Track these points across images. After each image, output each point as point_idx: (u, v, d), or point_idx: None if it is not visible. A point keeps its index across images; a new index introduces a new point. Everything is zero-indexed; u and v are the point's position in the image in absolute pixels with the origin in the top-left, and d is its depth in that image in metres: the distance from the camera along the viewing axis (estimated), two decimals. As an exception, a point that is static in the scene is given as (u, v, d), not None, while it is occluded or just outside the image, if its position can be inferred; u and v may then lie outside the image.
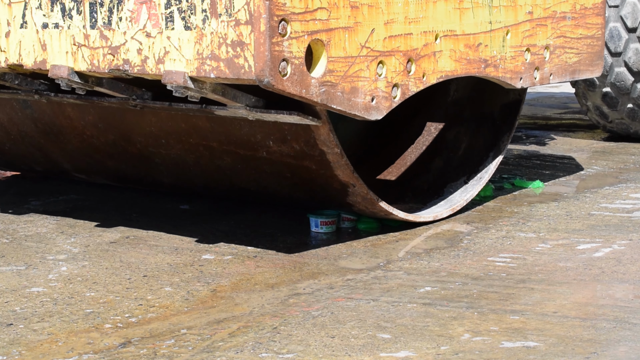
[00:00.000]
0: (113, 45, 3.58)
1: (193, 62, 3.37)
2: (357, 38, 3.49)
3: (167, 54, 3.44)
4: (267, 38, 3.17)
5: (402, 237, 4.13)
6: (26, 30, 3.84)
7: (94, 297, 3.32)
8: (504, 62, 4.27)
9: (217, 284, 3.46)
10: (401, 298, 3.27)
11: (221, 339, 2.90)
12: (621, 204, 4.72)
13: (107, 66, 3.61)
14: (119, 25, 3.56)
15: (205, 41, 3.33)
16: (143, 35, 3.50)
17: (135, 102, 3.95)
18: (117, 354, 2.79)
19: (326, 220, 4.21)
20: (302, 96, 3.31)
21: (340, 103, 3.44)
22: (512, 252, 3.86)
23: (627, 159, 6.05)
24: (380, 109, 3.62)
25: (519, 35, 4.34)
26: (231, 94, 3.51)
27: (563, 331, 2.92)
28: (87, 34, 3.65)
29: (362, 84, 3.52)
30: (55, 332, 2.97)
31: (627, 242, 3.99)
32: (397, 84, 3.68)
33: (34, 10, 3.80)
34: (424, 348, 2.80)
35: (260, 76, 3.20)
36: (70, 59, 3.71)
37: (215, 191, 4.57)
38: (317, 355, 2.75)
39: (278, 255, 3.85)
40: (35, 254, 3.91)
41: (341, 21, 3.42)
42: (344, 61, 3.44)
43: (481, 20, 4.09)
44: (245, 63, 3.24)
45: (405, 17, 3.69)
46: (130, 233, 4.24)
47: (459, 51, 3.99)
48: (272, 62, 3.18)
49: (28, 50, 3.85)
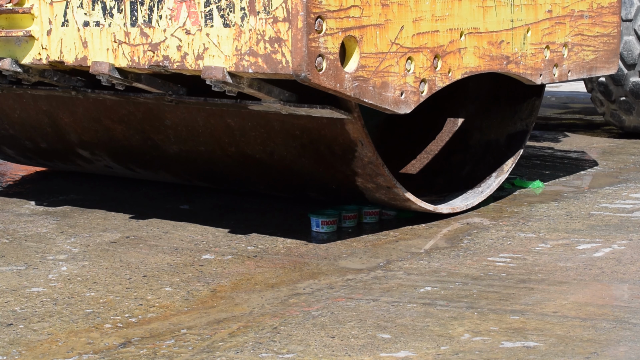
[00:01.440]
0: (153, 42, 3.71)
1: (231, 58, 3.51)
2: (387, 35, 3.63)
3: (206, 51, 3.57)
4: (304, 34, 3.31)
5: (402, 237, 4.13)
6: (67, 29, 3.97)
7: (94, 297, 3.32)
8: (524, 59, 4.40)
9: (217, 284, 3.46)
10: (401, 298, 3.27)
11: (221, 339, 2.90)
12: (621, 204, 4.72)
13: (147, 62, 3.74)
14: (159, 23, 3.70)
15: (244, 38, 3.47)
16: (183, 32, 3.63)
17: (170, 98, 4.07)
18: (117, 354, 2.79)
19: (327, 220, 4.21)
20: (337, 90, 3.45)
21: (371, 97, 3.58)
22: (512, 252, 3.86)
23: (627, 159, 6.05)
24: (409, 103, 3.76)
25: (539, 33, 4.47)
26: (266, 88, 3.64)
27: (563, 331, 2.92)
28: (128, 32, 3.78)
29: (392, 79, 3.66)
30: (55, 332, 2.97)
31: (627, 242, 3.99)
32: (425, 79, 3.82)
33: (76, 9, 3.94)
34: (424, 348, 2.80)
35: (297, 71, 3.34)
36: (111, 55, 3.84)
37: (220, 162, 4.53)
38: (317, 355, 2.75)
39: (278, 255, 3.85)
40: (35, 254, 3.91)
41: (373, 18, 3.56)
42: (375, 57, 3.58)
43: (503, 18, 4.24)
44: (282, 58, 3.37)
45: (432, 15, 3.83)
46: (130, 233, 4.24)
47: (483, 48, 4.14)
48: (309, 57, 3.32)
49: (69, 48, 3.97)
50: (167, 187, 5.24)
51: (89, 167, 5.21)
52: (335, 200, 4.50)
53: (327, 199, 4.55)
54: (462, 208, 4.51)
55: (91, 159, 5.06)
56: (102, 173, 5.36)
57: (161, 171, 4.88)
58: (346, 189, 4.26)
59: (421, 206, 4.24)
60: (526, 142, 4.89)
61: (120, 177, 5.49)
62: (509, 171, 4.82)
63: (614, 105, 6.72)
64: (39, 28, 4.06)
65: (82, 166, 5.25)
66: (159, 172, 4.91)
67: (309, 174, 4.29)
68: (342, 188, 4.28)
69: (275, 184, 4.55)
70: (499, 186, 4.77)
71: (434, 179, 5.05)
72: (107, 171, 5.25)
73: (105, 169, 5.17)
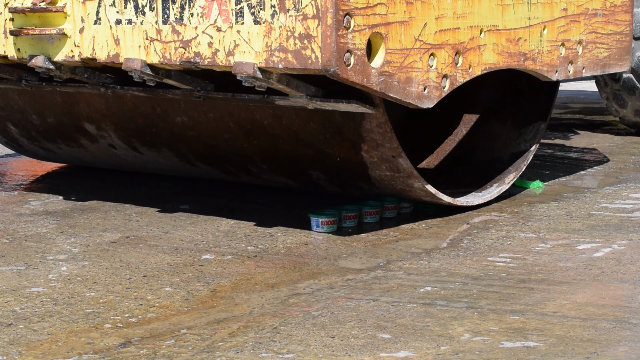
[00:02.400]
0: (184, 39, 3.83)
1: (262, 54, 3.62)
2: (411, 32, 3.76)
3: (237, 47, 3.69)
4: (333, 31, 3.43)
5: (402, 237, 4.13)
6: (100, 26, 4.08)
7: (94, 297, 3.32)
8: (541, 55, 4.52)
9: (217, 284, 3.46)
10: (401, 298, 3.27)
11: (221, 339, 2.90)
12: (621, 204, 4.72)
13: (178, 59, 3.85)
14: (190, 20, 3.81)
15: (274, 34, 3.58)
16: (214, 29, 3.74)
17: (199, 94, 4.18)
18: (117, 354, 2.78)
19: (327, 220, 4.21)
20: (364, 85, 3.58)
21: (396, 92, 3.71)
22: (512, 252, 3.86)
23: (627, 159, 6.05)
24: (432, 98, 3.89)
25: (554, 31, 4.59)
26: (294, 83, 3.76)
27: (563, 331, 2.92)
28: (160, 29, 3.89)
29: (415, 74, 3.79)
30: (55, 332, 2.97)
31: (627, 242, 3.99)
32: (447, 75, 3.94)
33: (108, 7, 4.05)
34: (424, 348, 2.80)
35: (326, 66, 3.46)
36: (143, 52, 3.95)
37: (226, 133, 4.53)
38: (317, 355, 2.75)
39: (278, 255, 3.85)
40: (35, 254, 3.91)
41: (397, 16, 3.68)
42: (399, 53, 3.71)
43: (521, 16, 4.36)
44: (312, 54, 3.49)
45: (453, 12, 3.96)
46: (130, 233, 4.24)
47: (501, 45, 4.26)
48: (338, 53, 3.45)
49: (101, 45, 4.08)
50: (167, 187, 5.24)
51: (93, 148, 5.20)
52: (337, 184, 4.49)
53: (329, 183, 4.53)
54: (462, 203, 4.52)
55: (96, 135, 5.06)
56: (103, 160, 5.35)
57: (164, 149, 4.87)
58: (351, 163, 4.25)
59: (425, 186, 4.22)
60: (529, 159, 4.98)
61: (120, 175, 5.49)
62: (510, 183, 4.88)
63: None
64: (72, 26, 4.16)
65: (86, 148, 5.24)
66: (161, 151, 4.90)
67: (315, 143, 4.32)
68: (347, 163, 4.27)
69: (279, 163, 4.54)
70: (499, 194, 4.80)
71: (437, 181, 5.09)
72: (109, 157, 5.25)
73: (108, 150, 5.15)
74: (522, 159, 4.99)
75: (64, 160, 5.71)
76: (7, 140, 5.65)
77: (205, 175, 5.07)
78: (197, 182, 5.36)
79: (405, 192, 4.33)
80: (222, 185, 5.26)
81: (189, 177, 5.23)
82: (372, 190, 4.44)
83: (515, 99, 5.28)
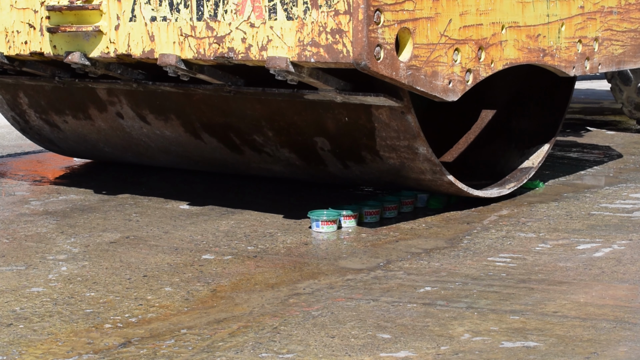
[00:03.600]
0: (218, 35, 3.97)
1: (294, 49, 3.76)
2: (437, 27, 3.90)
3: (270, 42, 3.82)
4: (364, 26, 3.56)
5: (402, 237, 4.13)
6: (135, 23, 4.23)
7: (94, 297, 3.32)
8: (559, 52, 4.66)
9: (217, 284, 3.46)
10: (401, 298, 3.27)
11: (221, 339, 2.90)
12: (621, 204, 4.72)
13: (212, 54, 3.99)
14: (224, 17, 3.95)
15: (306, 30, 3.72)
16: (247, 25, 3.89)
17: (230, 88, 4.34)
18: (117, 354, 2.78)
19: (327, 220, 4.21)
20: (393, 78, 3.70)
21: (423, 85, 3.84)
22: (512, 252, 3.86)
23: (627, 159, 6.05)
24: (456, 92, 4.02)
25: (572, 28, 4.74)
26: (324, 77, 3.91)
27: (563, 331, 2.92)
28: (194, 26, 4.04)
29: (441, 68, 3.92)
30: (55, 332, 2.97)
31: (627, 242, 3.99)
32: (470, 69, 4.08)
33: (143, 5, 4.20)
34: (424, 348, 2.80)
35: (357, 60, 3.58)
36: (177, 48, 4.10)
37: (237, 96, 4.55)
38: (317, 355, 2.75)
39: (278, 255, 3.85)
40: (35, 254, 3.91)
41: (424, 12, 3.83)
42: (426, 48, 3.84)
43: (540, 13, 4.51)
44: (343, 49, 3.63)
45: (477, 9, 4.11)
46: (130, 233, 4.24)
47: (522, 41, 4.40)
48: (369, 47, 3.57)
49: (137, 42, 4.23)
50: (167, 187, 5.24)
51: (100, 120, 5.20)
52: (340, 155, 4.50)
53: (332, 155, 4.54)
54: (467, 190, 4.53)
55: (106, 102, 5.08)
56: (108, 136, 5.33)
57: (172, 116, 4.88)
58: (359, 124, 4.26)
59: (429, 150, 4.23)
60: (531, 174, 5.03)
61: (120, 175, 5.48)
62: (511, 189, 4.91)
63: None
64: (107, 23, 4.31)
65: (93, 120, 5.24)
66: (169, 120, 4.91)
67: (326, 102, 4.36)
68: (355, 124, 4.28)
69: (286, 129, 4.55)
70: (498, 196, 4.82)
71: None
72: (114, 131, 5.24)
73: (115, 122, 5.15)
74: (524, 174, 5.04)
75: (66, 143, 5.68)
76: (15, 114, 5.65)
77: (208, 153, 5.04)
78: (197, 182, 5.36)
79: (409, 162, 4.34)
80: (222, 185, 5.26)
81: (192, 156, 5.18)
82: (374, 163, 4.45)
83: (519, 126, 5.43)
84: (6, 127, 7.99)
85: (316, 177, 4.86)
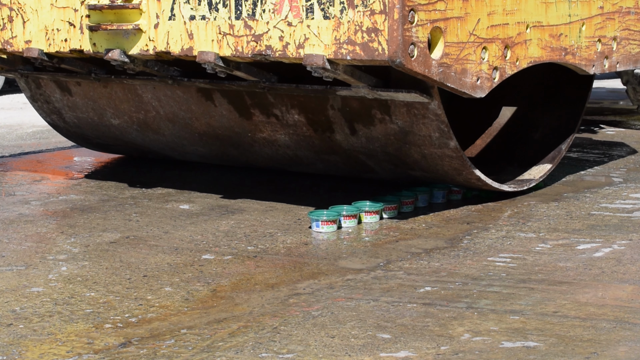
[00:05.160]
0: (256, 33, 4.12)
1: (330, 47, 3.91)
2: (466, 26, 4.05)
3: (307, 40, 3.98)
4: (399, 25, 3.72)
5: (402, 237, 4.13)
6: (174, 22, 4.38)
7: (94, 297, 3.32)
8: (580, 50, 4.81)
9: (217, 284, 3.46)
10: (401, 298, 3.27)
11: (221, 339, 2.90)
12: (621, 204, 4.72)
13: (250, 52, 4.14)
14: (262, 16, 4.10)
15: (342, 28, 3.87)
16: (285, 24, 4.04)
17: (264, 85, 4.49)
18: (117, 354, 2.78)
19: (327, 220, 4.21)
20: (425, 75, 3.85)
21: (453, 82, 4.00)
22: (512, 252, 3.86)
23: (628, 159, 6.05)
24: (484, 88, 4.17)
25: (592, 27, 4.89)
26: (357, 74, 4.09)
27: (563, 331, 2.92)
28: (232, 24, 4.19)
29: (470, 66, 4.08)
30: (55, 332, 2.97)
31: (627, 242, 3.99)
32: (497, 67, 4.23)
33: (182, 4, 4.35)
34: (424, 348, 2.80)
35: (392, 57, 3.74)
36: (216, 46, 4.25)
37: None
38: (317, 355, 2.75)
39: (278, 255, 3.85)
40: (35, 254, 3.91)
41: (455, 12, 3.98)
42: (456, 46, 4.00)
43: (562, 13, 4.67)
44: (379, 47, 3.77)
45: (503, 9, 4.26)
46: (130, 233, 4.24)
47: (545, 40, 4.56)
48: (404, 45, 3.73)
49: (175, 40, 4.39)
50: (167, 187, 5.24)
51: (115, 81, 5.21)
52: (348, 112, 4.53)
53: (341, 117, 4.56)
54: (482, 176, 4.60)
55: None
56: (117, 101, 5.32)
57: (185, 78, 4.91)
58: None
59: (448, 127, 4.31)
60: (532, 184, 5.06)
61: (120, 174, 5.48)
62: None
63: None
64: (147, 22, 4.46)
65: (107, 81, 5.24)
66: (182, 82, 4.92)
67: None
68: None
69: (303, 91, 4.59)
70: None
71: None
72: (126, 92, 5.25)
73: (129, 82, 5.14)
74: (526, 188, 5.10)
75: (74, 112, 5.67)
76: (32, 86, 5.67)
77: (216, 120, 5.06)
78: (197, 182, 5.36)
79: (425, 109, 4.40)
80: (222, 186, 5.26)
81: (197, 126, 5.17)
82: (382, 124, 4.48)
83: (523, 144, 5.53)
84: (6, 127, 7.99)
85: (320, 150, 4.86)
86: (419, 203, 4.71)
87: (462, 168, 4.46)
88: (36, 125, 8.11)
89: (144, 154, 5.94)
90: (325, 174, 5.20)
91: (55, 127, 6.02)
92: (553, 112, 5.49)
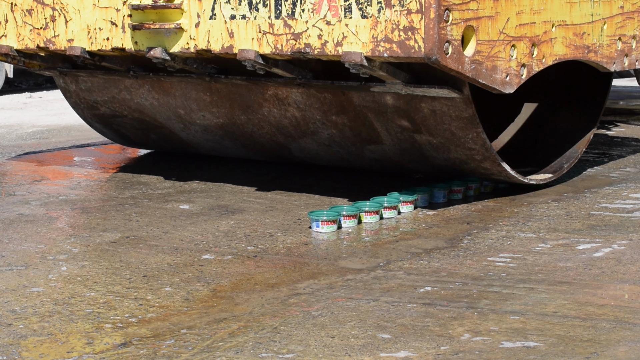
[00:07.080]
0: (295, 32, 4.30)
1: (368, 45, 4.09)
2: (497, 25, 4.22)
3: (345, 38, 4.16)
4: (435, 24, 3.89)
5: (402, 237, 4.13)
6: (215, 21, 4.57)
7: (94, 297, 3.32)
8: (601, 48, 4.99)
9: (217, 284, 3.46)
10: (401, 298, 3.27)
11: (221, 339, 2.90)
12: (621, 204, 4.72)
13: (289, 49, 4.32)
14: (301, 15, 4.28)
15: (380, 27, 4.05)
16: (323, 23, 4.23)
17: (300, 81, 4.71)
18: (117, 354, 2.78)
19: (327, 220, 4.20)
20: (459, 71, 4.03)
21: (484, 78, 4.16)
22: (512, 252, 3.86)
23: (628, 159, 6.05)
24: (512, 85, 4.34)
25: (613, 26, 5.06)
26: (392, 71, 4.27)
27: (563, 331, 2.92)
28: (272, 23, 4.38)
29: (499, 63, 4.25)
30: (55, 332, 2.97)
31: (627, 242, 3.99)
32: (524, 64, 4.41)
33: (223, 4, 4.54)
34: (424, 348, 2.80)
35: (429, 55, 3.91)
36: (256, 44, 4.44)
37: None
38: (317, 355, 2.75)
39: (278, 255, 3.85)
40: (35, 254, 3.91)
41: (486, 11, 4.16)
42: (487, 44, 4.17)
43: (585, 12, 4.86)
44: (415, 44, 3.95)
45: (530, 8, 4.44)
46: (130, 233, 4.24)
47: (569, 38, 4.74)
48: (439, 43, 3.90)
49: (216, 38, 4.56)
50: (167, 187, 5.24)
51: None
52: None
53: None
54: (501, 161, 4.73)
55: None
56: (135, 58, 5.33)
57: None
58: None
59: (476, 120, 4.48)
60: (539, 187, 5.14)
61: (120, 174, 5.48)
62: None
63: None
64: (188, 21, 4.64)
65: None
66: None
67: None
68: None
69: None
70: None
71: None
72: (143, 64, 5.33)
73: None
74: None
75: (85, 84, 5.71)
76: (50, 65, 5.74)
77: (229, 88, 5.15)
78: (197, 182, 5.37)
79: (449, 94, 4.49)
80: (222, 185, 5.26)
81: (209, 86, 5.21)
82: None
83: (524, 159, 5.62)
84: (6, 127, 7.99)
85: (328, 110, 4.90)
86: (419, 203, 4.71)
87: (470, 128, 4.55)
88: (36, 125, 8.12)
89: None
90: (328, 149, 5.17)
91: (64, 93, 6.04)
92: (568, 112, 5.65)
